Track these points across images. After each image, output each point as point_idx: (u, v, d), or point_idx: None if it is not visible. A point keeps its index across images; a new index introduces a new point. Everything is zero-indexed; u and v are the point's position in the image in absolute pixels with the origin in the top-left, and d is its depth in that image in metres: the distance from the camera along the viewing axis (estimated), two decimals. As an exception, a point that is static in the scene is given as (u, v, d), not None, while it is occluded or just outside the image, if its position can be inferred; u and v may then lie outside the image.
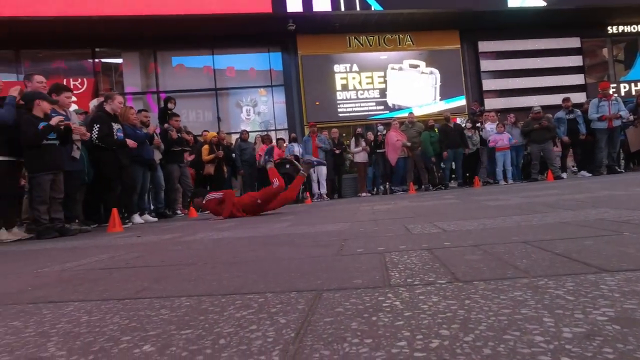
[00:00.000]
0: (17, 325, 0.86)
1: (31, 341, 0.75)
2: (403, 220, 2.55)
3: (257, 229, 2.83)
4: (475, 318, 0.67)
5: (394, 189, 8.56)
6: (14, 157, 3.62)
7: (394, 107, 11.99)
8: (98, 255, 1.99)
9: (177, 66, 11.71)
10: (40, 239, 3.53)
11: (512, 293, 0.79)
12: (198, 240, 2.35)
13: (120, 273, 1.43)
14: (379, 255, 1.36)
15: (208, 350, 0.63)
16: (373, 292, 0.89)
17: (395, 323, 0.68)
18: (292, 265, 1.30)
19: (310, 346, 0.61)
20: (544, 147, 7.96)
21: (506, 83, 12.35)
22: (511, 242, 1.39)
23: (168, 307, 0.92)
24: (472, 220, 2.15)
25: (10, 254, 2.55)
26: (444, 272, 1.03)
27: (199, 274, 1.29)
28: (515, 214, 2.28)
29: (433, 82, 12.19)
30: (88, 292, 1.14)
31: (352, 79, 11.92)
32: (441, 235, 1.73)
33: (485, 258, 1.16)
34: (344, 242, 1.77)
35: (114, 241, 2.76)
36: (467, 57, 12.34)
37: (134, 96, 11.30)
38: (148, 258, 1.79)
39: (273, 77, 11.90)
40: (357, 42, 12.00)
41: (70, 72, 10.73)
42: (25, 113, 3.58)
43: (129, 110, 5.19)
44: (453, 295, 0.81)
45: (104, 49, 11.26)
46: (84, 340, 0.73)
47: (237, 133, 9.78)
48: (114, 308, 0.94)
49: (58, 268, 1.68)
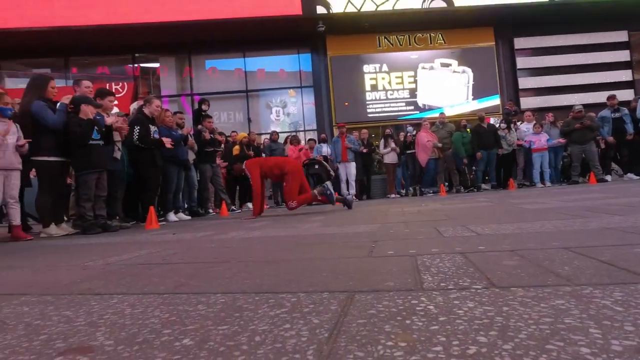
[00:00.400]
0: (69, 314, 0.93)
1: (82, 330, 0.80)
2: (434, 222, 2.50)
3: (287, 229, 2.86)
4: (514, 326, 0.65)
5: (423, 190, 8.39)
6: (64, 158, 3.87)
7: (424, 108, 11.76)
8: (137, 251, 2.09)
9: (210, 69, 12.07)
10: (85, 234, 3.75)
11: (554, 301, 0.76)
12: (230, 239, 2.41)
13: (159, 269, 1.50)
14: (411, 258, 1.34)
15: (244, 347, 0.65)
16: (406, 295, 0.88)
17: (430, 327, 0.67)
18: (324, 266, 1.31)
19: (344, 347, 0.62)
20: (586, 148, 7.52)
21: (544, 81, 11.78)
22: (551, 247, 1.33)
23: (204, 302, 0.95)
24: (508, 224, 2.08)
25: (60, 247, 2.73)
26: (479, 277, 1.00)
27: (232, 271, 1.33)
28: (554, 218, 2.17)
29: (465, 81, 11.84)
30: (130, 286, 1.21)
31: (382, 79, 11.80)
32: (475, 239, 1.68)
33: (523, 264, 1.12)
34: (374, 243, 1.76)
35: (151, 238, 2.89)
36: (502, 55, 11.89)
37: (170, 99, 11.77)
38: (183, 255, 1.86)
39: (302, 78, 12.01)
40: (387, 42, 11.87)
41: (112, 77, 11.36)
42: (73, 116, 3.83)
43: (165, 112, 5.41)
44: (490, 301, 0.79)
45: (143, 54, 11.82)
46: (129, 332, 0.77)
47: (267, 134, 9.96)
48: (155, 302, 0.99)
49: (102, 262, 1.78)
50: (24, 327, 0.84)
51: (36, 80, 3.94)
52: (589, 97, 10.88)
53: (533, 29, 11.58)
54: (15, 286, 1.36)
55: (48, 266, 1.80)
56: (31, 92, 3.81)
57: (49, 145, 3.76)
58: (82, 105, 3.86)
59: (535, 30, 11.61)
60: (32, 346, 0.72)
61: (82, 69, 11.41)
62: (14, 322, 0.89)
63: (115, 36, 10.39)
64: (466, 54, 11.79)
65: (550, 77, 11.74)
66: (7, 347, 0.72)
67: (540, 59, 11.86)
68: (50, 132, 3.76)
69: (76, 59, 11.53)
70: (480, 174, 8.38)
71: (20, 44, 10.31)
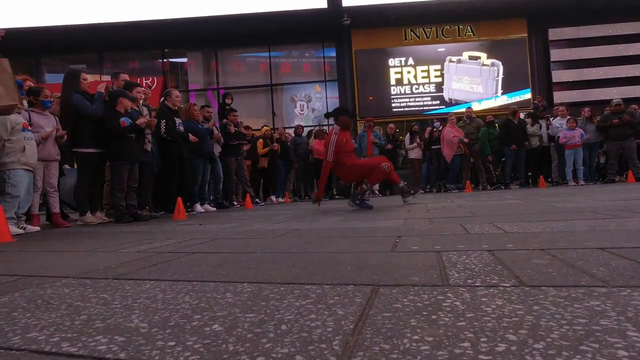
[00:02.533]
0: (106, 297, 0.98)
1: (118, 312, 0.84)
2: (460, 219, 2.45)
3: (310, 222, 2.88)
4: (545, 325, 0.63)
5: (448, 186, 8.22)
6: (100, 149, 4.06)
7: (450, 102, 11.48)
8: (167, 240, 2.17)
9: (236, 63, 12.24)
10: (118, 222, 3.93)
11: (588, 302, 0.74)
12: (255, 230, 2.46)
13: (188, 257, 1.55)
14: (436, 253, 1.32)
15: (271, 335, 0.67)
16: (431, 291, 0.88)
17: (457, 323, 0.66)
18: (347, 259, 1.32)
19: (370, 339, 0.62)
20: (624, 145, 7.13)
21: (580, 74, 11.22)
22: (584, 247, 1.28)
23: (232, 291, 0.98)
24: (538, 223, 2.01)
25: (95, 234, 2.87)
26: (508, 275, 0.98)
27: (257, 262, 1.36)
28: (588, 218, 2.08)
29: (495, 75, 11.45)
30: (161, 273, 1.26)
31: (407, 73, 11.60)
32: (503, 236, 1.64)
33: (555, 263, 1.08)
34: (398, 239, 1.75)
35: (179, 228, 2.99)
36: (534, 47, 11.40)
37: (196, 92, 12.05)
38: (211, 245, 1.92)
39: (327, 72, 11.97)
40: (413, 35, 11.63)
41: (143, 72, 11.75)
42: (109, 108, 4.01)
43: (193, 106, 5.54)
44: (519, 300, 0.77)
45: (171, 50, 12.13)
46: (161, 315, 0.81)
47: (290, 128, 10.02)
48: (184, 289, 1.03)
49: (134, 249, 1.86)
50: (66, 307, 0.90)
51: (69, 76, 4.13)
52: (629, 91, 10.30)
53: (569, 19, 11.03)
54: (57, 269, 1.45)
55: (86, 251, 1.90)
56: (68, 87, 4.01)
57: (88, 137, 3.96)
58: (120, 98, 4.07)
59: (571, 21, 11.07)
60: (74, 325, 0.77)
61: (115, 64, 11.86)
62: (57, 302, 0.95)
63: (145, 32, 10.72)
64: (496, 46, 11.39)
65: (587, 69, 11.17)
66: (52, 325, 0.77)
67: (577, 50, 11.30)
68: (89, 124, 3.95)
69: (110, 54, 11.99)
70: (508, 171, 8.12)
71: (58, 41, 10.82)
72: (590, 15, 10.90)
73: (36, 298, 1.01)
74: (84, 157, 3.99)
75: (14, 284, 1.20)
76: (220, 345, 0.63)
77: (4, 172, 3.24)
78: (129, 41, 11.18)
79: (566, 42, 11.39)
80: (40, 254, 1.96)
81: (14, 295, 1.05)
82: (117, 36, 10.84)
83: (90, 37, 10.75)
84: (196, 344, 0.64)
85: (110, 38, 10.92)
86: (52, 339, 0.70)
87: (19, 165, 3.31)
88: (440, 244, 1.52)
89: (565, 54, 11.36)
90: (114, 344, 0.66)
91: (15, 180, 3.27)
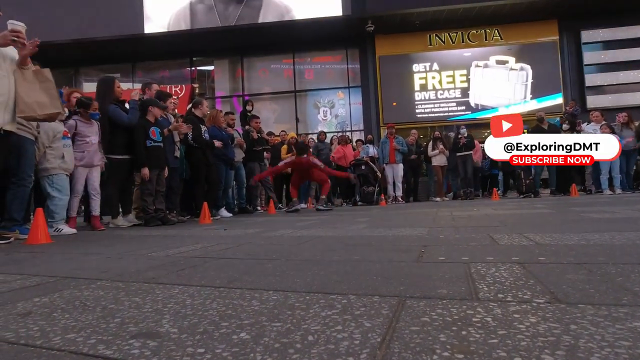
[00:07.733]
0: (137, 300, 1.01)
1: (149, 316, 0.87)
2: (487, 229, 2.38)
3: (334, 229, 2.88)
4: (584, 347, 0.60)
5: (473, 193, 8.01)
6: (130, 156, 4.22)
7: (477, 108, 11.22)
8: (193, 245, 2.22)
9: (261, 70, 12.47)
10: (147, 225, 4.06)
11: (631, 323, 0.70)
12: (279, 237, 2.48)
13: (214, 263, 1.58)
14: (464, 265, 1.29)
15: (298, 345, 0.67)
16: (460, 305, 0.85)
17: (489, 340, 0.64)
18: (373, 269, 1.30)
19: (398, 354, 0.61)
20: (666, 152, 6.73)
21: (616, 77, 10.71)
22: (625, 262, 1.22)
23: (258, 298, 0.99)
24: (571, 234, 1.92)
25: (127, 237, 2.98)
26: (542, 291, 0.94)
27: (282, 269, 1.37)
28: (627, 230, 1.98)
29: (523, 79, 11.11)
30: (189, 278, 1.29)
31: (432, 79, 11.44)
32: (534, 248, 1.58)
33: (592, 279, 1.03)
34: (424, 248, 1.72)
35: (205, 232, 3.05)
36: (566, 50, 10.99)
37: (222, 99, 12.35)
38: (236, 250, 1.95)
39: (350, 78, 11.99)
40: (438, 40, 11.48)
41: (172, 80, 12.16)
42: (140, 117, 4.18)
43: (219, 113, 5.68)
44: (555, 318, 0.74)
45: (199, 58, 12.52)
46: (190, 322, 0.82)
47: (314, 134, 10.07)
48: (212, 295, 1.05)
49: (163, 253, 1.91)
50: (101, 310, 0.94)
51: (104, 84, 4.31)
52: (671, 95, 9.72)
53: (603, 21, 10.58)
54: (92, 271, 1.51)
55: (118, 254, 1.97)
56: (103, 95, 4.18)
57: (121, 144, 4.13)
58: (150, 107, 4.24)
59: (605, 22, 10.60)
60: (109, 327, 0.80)
61: (146, 73, 12.36)
62: (92, 304, 0.99)
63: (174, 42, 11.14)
64: (525, 50, 11.06)
65: (623, 72, 10.66)
66: (89, 327, 0.81)
67: (612, 52, 10.80)
68: (122, 132, 4.12)
69: (142, 64, 12.52)
70: (538, 179, 7.82)
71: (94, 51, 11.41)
72: (626, 16, 10.41)
73: (73, 299, 1.05)
74: (116, 163, 4.15)
75: (53, 285, 1.26)
76: (249, 354, 0.64)
77: (46, 177, 3.43)
78: (160, 51, 11.65)
79: (600, 44, 10.92)
80: (76, 255, 2.05)
81: (54, 296, 1.10)
82: (148, 46, 11.32)
83: (124, 48, 11.28)
84: (225, 352, 0.65)
85: (141, 48, 11.42)
86: (89, 340, 0.73)
87: (60, 171, 3.50)
88: (467, 255, 1.48)
89: (599, 57, 10.89)
90: (146, 348, 0.68)
91: (59, 185, 3.47)
